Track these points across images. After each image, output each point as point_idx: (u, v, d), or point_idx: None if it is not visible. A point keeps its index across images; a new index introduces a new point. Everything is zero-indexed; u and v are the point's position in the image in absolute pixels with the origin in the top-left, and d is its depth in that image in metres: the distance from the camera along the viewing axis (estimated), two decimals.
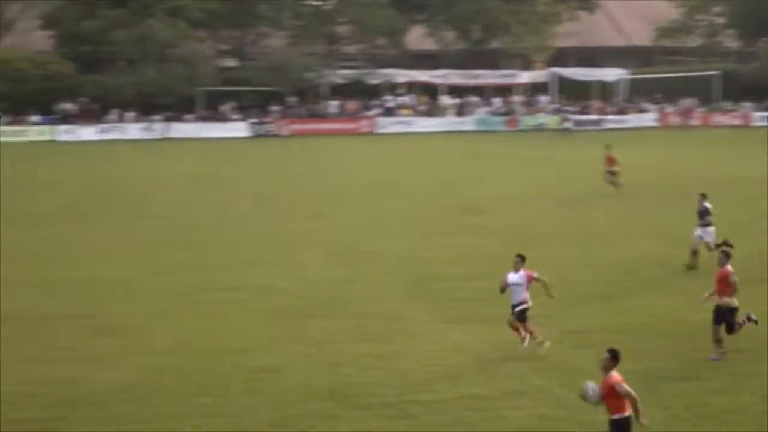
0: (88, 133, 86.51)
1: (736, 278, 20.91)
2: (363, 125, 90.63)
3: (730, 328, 21.06)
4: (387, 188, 51.67)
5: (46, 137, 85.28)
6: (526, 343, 21.60)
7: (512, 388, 19.85)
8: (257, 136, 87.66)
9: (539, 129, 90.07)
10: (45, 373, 21.35)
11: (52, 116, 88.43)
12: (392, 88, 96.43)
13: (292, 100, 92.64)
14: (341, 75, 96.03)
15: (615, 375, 15.05)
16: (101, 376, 21.06)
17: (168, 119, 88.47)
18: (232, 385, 19.89)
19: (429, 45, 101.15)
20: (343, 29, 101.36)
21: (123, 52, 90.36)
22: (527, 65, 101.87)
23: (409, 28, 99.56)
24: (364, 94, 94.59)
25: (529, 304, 21.54)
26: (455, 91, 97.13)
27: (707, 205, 30.44)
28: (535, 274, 21.61)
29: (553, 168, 59.72)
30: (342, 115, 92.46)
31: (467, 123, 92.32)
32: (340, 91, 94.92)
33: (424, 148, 76.49)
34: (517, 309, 21.48)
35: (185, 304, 27.52)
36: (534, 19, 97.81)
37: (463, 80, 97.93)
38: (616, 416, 14.95)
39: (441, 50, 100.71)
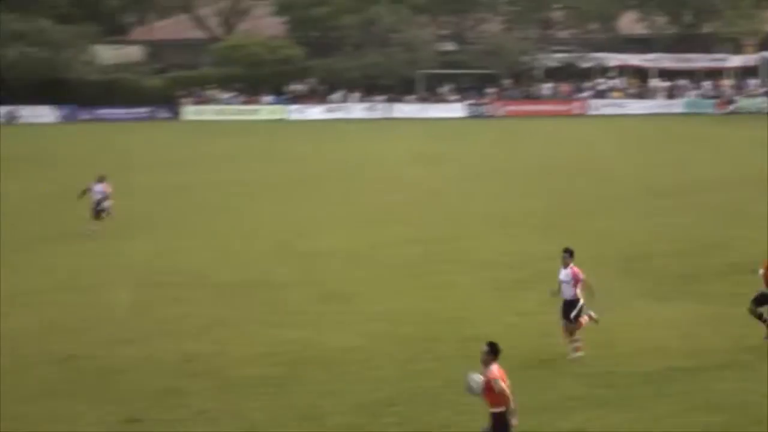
0: (315, 112, 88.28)
1: None
2: (575, 107, 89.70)
3: None
4: (598, 168, 51.21)
5: (277, 116, 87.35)
6: (577, 352, 20.11)
7: (717, 362, 19.71)
8: (473, 116, 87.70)
9: (750, 112, 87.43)
10: (277, 335, 22.37)
11: (283, 96, 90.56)
12: (603, 71, 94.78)
13: (507, 82, 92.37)
14: (554, 58, 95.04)
15: (494, 369, 14.48)
16: (326, 338, 21.89)
17: (389, 100, 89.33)
18: (447, 351, 20.26)
19: (640, 29, 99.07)
20: (556, 14, 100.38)
21: (349, 37, 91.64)
22: (738, 49, 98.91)
23: (621, 13, 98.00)
24: (577, 76, 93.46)
25: (581, 301, 19.99)
26: (665, 74, 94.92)
27: None
28: (582, 276, 20.01)
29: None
30: (555, 97, 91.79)
31: (677, 105, 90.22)
32: (553, 74, 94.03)
33: (633, 130, 75.18)
34: (576, 309, 19.98)
35: (405, 275, 28.15)
36: (746, 3, 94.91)
37: (674, 64, 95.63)
38: (495, 409, 14.39)
39: (652, 34, 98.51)
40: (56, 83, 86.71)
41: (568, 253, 20.13)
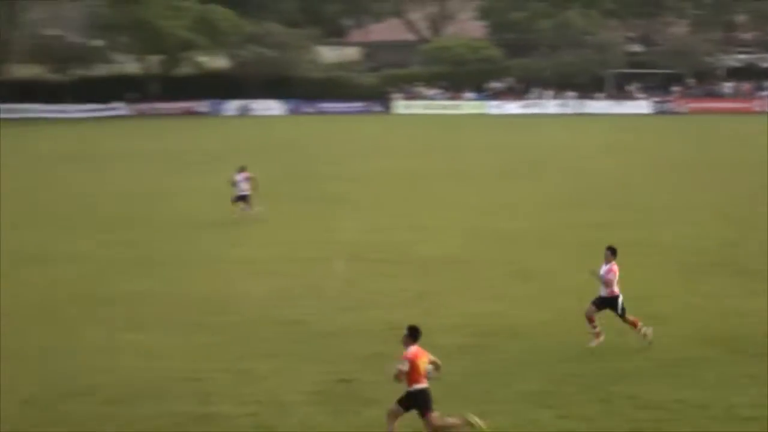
0: (512, 107, 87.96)
1: None
2: (756, 105, 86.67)
3: None
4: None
5: (478, 111, 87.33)
6: (597, 340, 19.16)
7: None
8: (658, 113, 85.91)
9: None
10: (472, 308, 22.41)
11: (484, 93, 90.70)
12: None
13: (691, 81, 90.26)
14: (737, 59, 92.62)
15: (409, 350, 14.20)
16: (518, 312, 21.81)
17: (581, 97, 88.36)
18: (628, 327, 19.91)
19: None
20: (740, 18, 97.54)
21: (544, 39, 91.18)
22: None
23: None
24: (758, 76, 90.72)
25: (620, 297, 19.03)
26: None
27: None
28: (615, 273, 18.97)
29: None
30: (736, 95, 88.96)
31: None
32: (735, 74, 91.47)
33: None
34: (618, 302, 19.07)
35: (593, 255, 27.76)
36: None
37: None
38: (411, 388, 14.15)
39: None
40: (283, 80, 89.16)
41: (611, 251, 19.35)
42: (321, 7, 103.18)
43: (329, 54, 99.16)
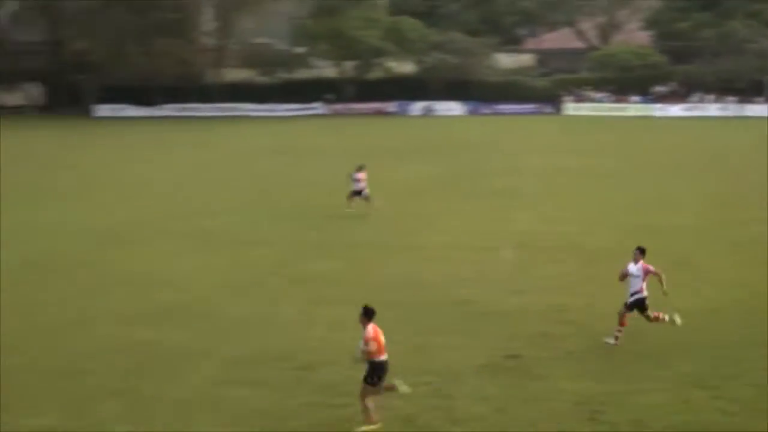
0: (675, 110, 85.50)
1: None
2: None
3: None
4: None
5: (643, 113, 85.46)
6: (612, 340, 18.32)
7: None
8: None
9: None
10: None
11: (648, 97, 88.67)
12: None
13: None
14: None
15: (369, 330, 14.45)
16: (673, 300, 21.02)
17: (740, 101, 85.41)
18: None
19: None
20: None
21: (707, 46, 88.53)
22: None
23: None
24: None
25: (644, 294, 18.31)
26: None
27: None
28: (652, 268, 18.30)
29: None
30: None
31: None
32: None
33: None
34: (633, 298, 18.35)
35: (749, 249, 26.91)
36: None
37: None
38: (377, 359, 14.44)
39: None
40: (464, 83, 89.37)
41: (640, 251, 18.62)
42: (499, 18, 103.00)
43: (506, 60, 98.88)
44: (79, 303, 21.97)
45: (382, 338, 14.59)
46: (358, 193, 33.62)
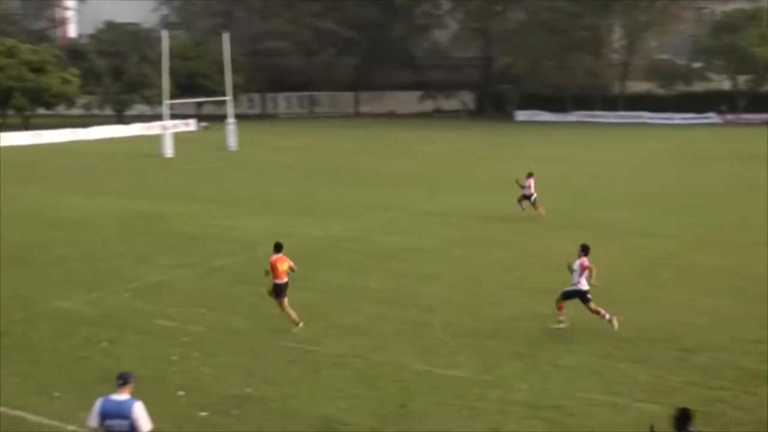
0: None
1: None
2: None
3: None
4: None
5: None
6: (558, 325, 17.85)
7: None
8: None
9: None
10: None
11: None
12: None
13: None
14: None
15: (272, 257, 17.87)
16: None
17: None
18: None
19: None
20: None
21: None
22: None
23: None
24: None
25: (581, 287, 17.56)
26: None
27: None
28: (586, 263, 17.49)
29: None
30: None
31: None
32: None
33: None
34: (568, 289, 17.74)
35: None
36: None
37: None
38: (275, 281, 17.81)
39: None
40: None
41: (582, 249, 17.84)
42: None
43: None
44: (499, 278, 22.79)
45: (283, 267, 17.75)
46: (527, 197, 32.21)
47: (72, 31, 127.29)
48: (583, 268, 17.68)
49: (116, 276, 22.82)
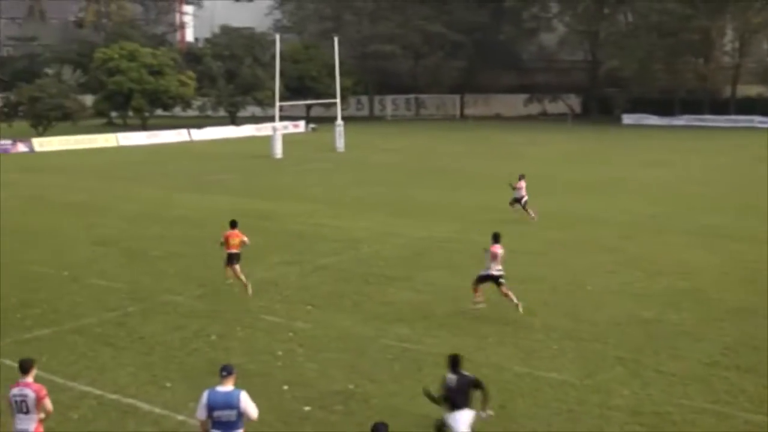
0: None
1: None
2: None
3: None
4: None
5: None
6: (476, 306, 19.28)
7: None
8: None
9: None
10: None
11: None
12: None
13: None
14: None
15: (225, 232, 20.89)
16: None
17: None
18: None
19: None
20: None
21: None
22: None
23: None
24: None
25: (491, 272, 18.91)
26: None
27: None
28: (496, 250, 18.91)
29: None
30: None
31: None
32: None
33: None
34: (481, 274, 19.15)
35: None
36: None
37: None
38: (227, 251, 20.72)
39: None
40: None
41: (493, 236, 19.21)
42: None
43: None
44: (602, 281, 22.38)
45: (234, 240, 20.75)
46: (518, 200, 31.79)
47: (189, 35, 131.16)
48: (493, 255, 18.83)
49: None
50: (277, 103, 63.14)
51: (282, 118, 70.25)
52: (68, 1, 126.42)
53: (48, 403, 10.79)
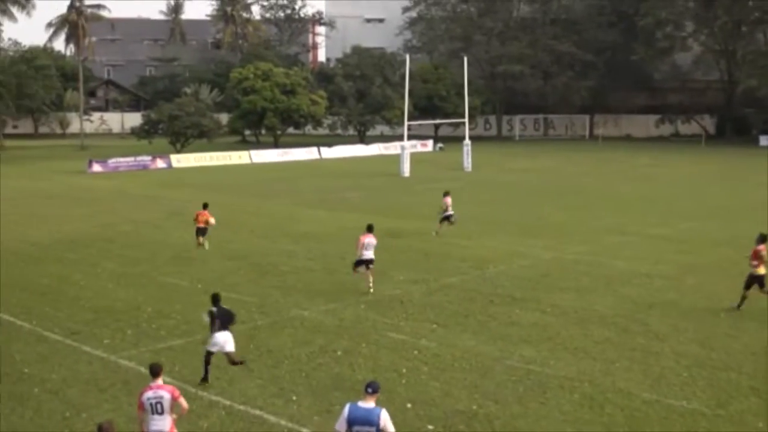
0: None
1: None
2: None
3: None
4: None
5: None
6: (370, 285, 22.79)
7: None
8: None
9: None
10: None
11: None
12: None
13: None
14: None
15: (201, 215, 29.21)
16: None
17: None
18: None
19: None
20: None
21: None
22: None
23: None
24: None
25: (364, 257, 22.82)
26: None
27: None
28: (364, 239, 22.82)
29: None
30: None
31: None
32: None
33: None
34: (357, 260, 22.96)
35: None
36: None
37: None
38: (198, 226, 28.91)
39: None
40: None
41: (367, 227, 23.22)
42: None
43: None
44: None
45: (204, 219, 29.51)
46: (446, 218, 32.05)
47: (321, 55, 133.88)
48: (361, 243, 22.62)
49: (353, 288, 23.55)
50: (406, 122, 63.57)
51: (410, 137, 70.67)
52: (207, 24, 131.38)
53: (183, 402, 11.38)
